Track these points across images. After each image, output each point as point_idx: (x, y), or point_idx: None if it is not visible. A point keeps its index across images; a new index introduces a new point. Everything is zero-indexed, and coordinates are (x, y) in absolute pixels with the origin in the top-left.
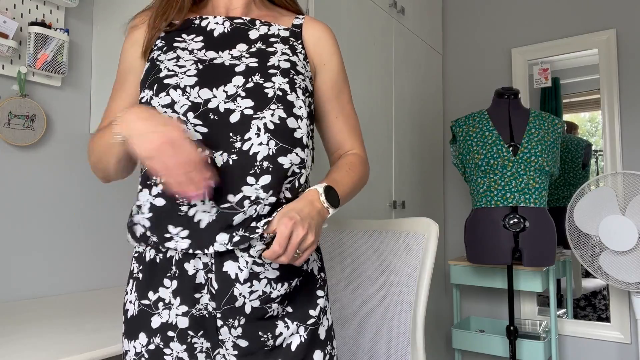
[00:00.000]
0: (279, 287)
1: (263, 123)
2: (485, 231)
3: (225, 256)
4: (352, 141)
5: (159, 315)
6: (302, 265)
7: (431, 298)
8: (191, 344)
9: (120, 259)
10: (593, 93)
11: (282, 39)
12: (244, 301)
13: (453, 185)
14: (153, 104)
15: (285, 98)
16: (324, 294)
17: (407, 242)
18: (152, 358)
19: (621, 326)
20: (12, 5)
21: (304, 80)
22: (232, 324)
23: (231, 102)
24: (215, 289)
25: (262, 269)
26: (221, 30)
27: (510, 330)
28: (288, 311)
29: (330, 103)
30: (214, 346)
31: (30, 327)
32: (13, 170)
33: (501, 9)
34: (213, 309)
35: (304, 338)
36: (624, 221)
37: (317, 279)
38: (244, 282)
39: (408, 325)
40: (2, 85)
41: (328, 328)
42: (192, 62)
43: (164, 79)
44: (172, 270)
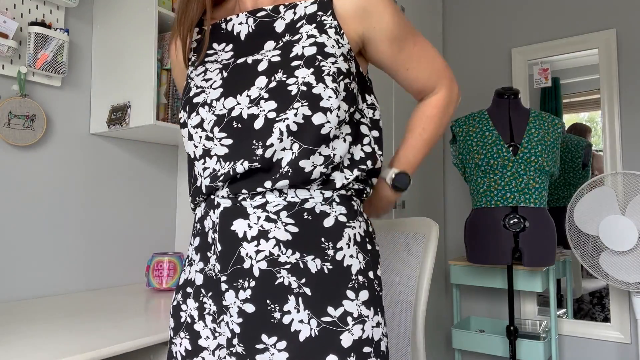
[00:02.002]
0: (289, 253)
1: (285, 125)
2: (485, 231)
3: (234, 214)
4: (433, 82)
5: (184, 271)
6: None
7: (431, 298)
8: (202, 302)
9: (121, 259)
10: (593, 93)
11: (308, 17)
12: (251, 263)
13: (453, 185)
14: (187, 126)
15: (311, 92)
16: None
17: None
18: (174, 313)
19: (621, 326)
20: (12, 5)
21: (335, 63)
22: (242, 285)
23: (254, 107)
24: (219, 250)
25: (272, 226)
26: (246, 30)
27: (510, 330)
28: (305, 292)
29: (396, 60)
30: (219, 311)
31: (30, 327)
32: (13, 170)
33: (501, 9)
34: (218, 272)
35: (315, 333)
36: (624, 221)
37: (352, 278)
38: (251, 240)
39: (408, 325)
40: (2, 85)
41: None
42: (218, 72)
43: (193, 97)
44: (196, 227)
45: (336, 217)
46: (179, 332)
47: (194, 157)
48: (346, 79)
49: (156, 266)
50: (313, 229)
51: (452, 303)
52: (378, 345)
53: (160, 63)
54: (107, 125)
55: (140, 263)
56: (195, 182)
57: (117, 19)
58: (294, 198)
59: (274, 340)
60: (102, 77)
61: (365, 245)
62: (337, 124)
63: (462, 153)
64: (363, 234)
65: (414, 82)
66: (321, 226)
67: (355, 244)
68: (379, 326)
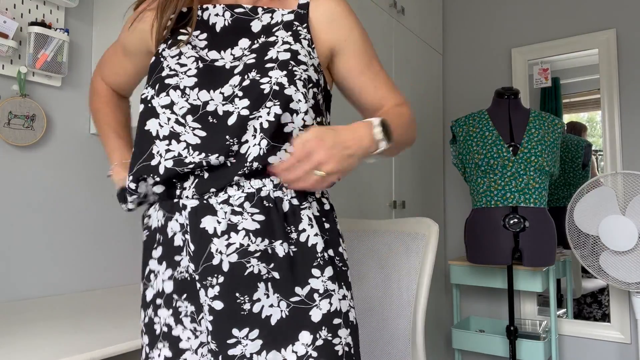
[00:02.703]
0: (258, 241)
1: (259, 123)
2: (485, 231)
3: (202, 212)
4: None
5: (152, 287)
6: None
7: (431, 298)
8: (176, 308)
9: (121, 259)
10: (593, 93)
11: (284, 24)
12: (220, 258)
13: (453, 185)
14: (153, 103)
15: (283, 92)
16: (321, 275)
17: (407, 242)
18: (147, 331)
19: (621, 326)
20: (12, 5)
21: (307, 71)
22: (210, 282)
23: (229, 104)
24: (192, 250)
25: (239, 218)
26: (222, 23)
27: (510, 330)
28: (274, 277)
29: (364, 76)
30: (198, 310)
31: (30, 327)
32: (13, 170)
33: (501, 9)
34: (193, 271)
35: (285, 314)
36: (624, 221)
37: (317, 256)
38: (221, 234)
39: (408, 325)
40: (2, 85)
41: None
42: (193, 60)
43: (165, 78)
44: (156, 239)
45: (289, 201)
46: (155, 344)
47: (156, 136)
48: (314, 88)
49: None
50: (275, 215)
51: (452, 303)
52: (347, 316)
53: None
54: None
55: (140, 263)
56: (149, 160)
57: (117, 19)
58: (250, 189)
59: (245, 332)
60: None
61: (322, 224)
62: (302, 127)
63: (462, 153)
64: (318, 214)
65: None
66: (281, 211)
67: (316, 223)
68: (345, 299)
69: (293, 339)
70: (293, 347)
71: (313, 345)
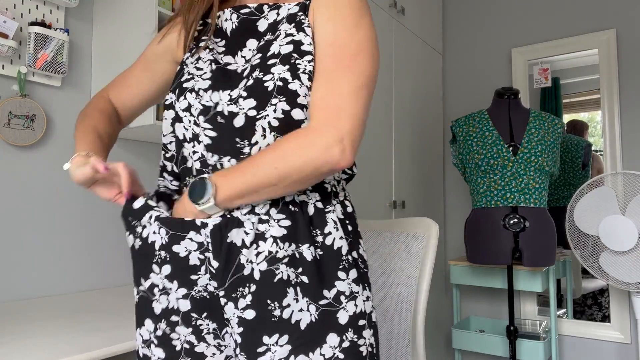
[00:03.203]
0: (286, 246)
1: (267, 122)
2: (485, 231)
3: (226, 228)
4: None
5: (157, 301)
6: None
7: (431, 298)
8: (197, 326)
9: (120, 259)
10: (593, 93)
11: (288, 17)
12: (251, 267)
13: (453, 185)
14: (176, 108)
15: (287, 88)
16: (346, 277)
17: (407, 242)
18: (161, 344)
19: (621, 326)
20: (12, 5)
21: (311, 62)
22: (242, 293)
23: (233, 105)
24: (215, 267)
25: (266, 226)
26: (231, 26)
27: (510, 330)
28: (303, 281)
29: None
30: (221, 326)
31: (30, 327)
32: (13, 170)
33: (501, 9)
34: (215, 289)
35: (315, 317)
36: (624, 221)
37: (343, 259)
38: (250, 245)
39: (408, 325)
40: (2, 85)
41: (355, 315)
42: (209, 64)
43: (183, 82)
44: (157, 255)
45: (314, 204)
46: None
47: (183, 139)
48: None
49: None
50: (301, 219)
51: (452, 303)
52: (370, 317)
53: None
54: None
55: None
56: (184, 163)
57: (117, 19)
58: None
59: (275, 339)
60: (102, 77)
61: (346, 227)
62: None
63: (462, 153)
64: (342, 216)
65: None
66: (307, 215)
67: (341, 225)
68: (368, 300)
69: (321, 341)
70: (321, 349)
71: (340, 347)
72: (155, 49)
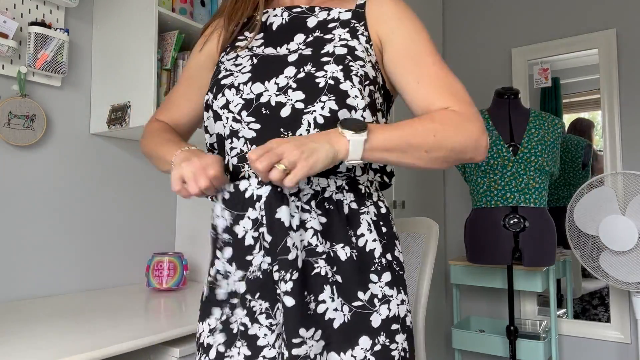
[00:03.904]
0: (324, 242)
1: (313, 117)
2: (485, 231)
3: (276, 202)
4: (444, 99)
5: (219, 287)
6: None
7: (431, 298)
8: (250, 308)
9: (120, 259)
10: (593, 93)
11: (342, 22)
12: (296, 253)
13: (453, 185)
14: (214, 107)
15: (338, 87)
16: (378, 280)
17: (407, 242)
18: (225, 329)
19: (621, 326)
20: (12, 5)
21: (364, 67)
22: (284, 277)
23: (282, 95)
24: (269, 241)
25: (308, 216)
26: (279, 22)
27: (510, 330)
28: (337, 280)
29: (407, 70)
30: (272, 304)
31: (30, 327)
32: (13, 170)
33: (501, 9)
34: (268, 264)
35: (348, 318)
36: (624, 221)
37: (375, 261)
38: (296, 229)
39: None
40: (2, 85)
41: (388, 319)
42: (249, 58)
43: (221, 80)
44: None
45: (349, 205)
46: (233, 344)
47: (223, 136)
48: (371, 86)
49: (156, 266)
50: (337, 217)
51: (452, 303)
52: (404, 321)
53: (160, 63)
54: (107, 125)
55: (140, 263)
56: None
57: (117, 19)
58: (317, 186)
59: (311, 333)
60: (102, 77)
61: (380, 228)
62: None
63: None
64: (376, 218)
65: (423, 98)
66: (343, 214)
67: (374, 227)
68: (403, 304)
69: (354, 343)
70: (352, 351)
71: (372, 351)
72: (197, 59)
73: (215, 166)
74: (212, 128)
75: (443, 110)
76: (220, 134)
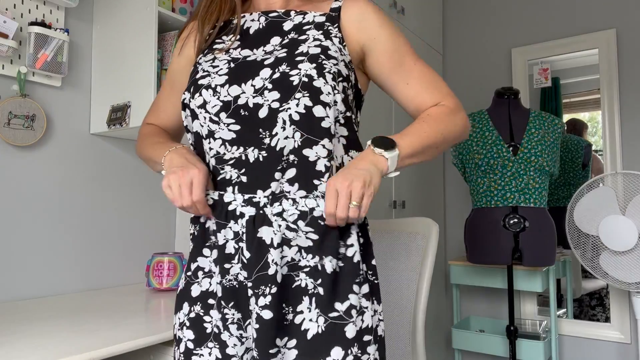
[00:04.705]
0: (309, 257)
1: (288, 115)
2: (485, 231)
3: (259, 222)
4: (434, 96)
5: (198, 284)
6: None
7: (431, 298)
8: (224, 314)
9: (120, 259)
10: (593, 93)
11: (316, 25)
12: (276, 269)
13: (453, 185)
14: (191, 106)
15: (312, 84)
16: (359, 291)
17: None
18: (193, 326)
19: (621, 326)
20: (12, 5)
21: (336, 65)
22: (263, 291)
23: (259, 97)
24: (247, 257)
25: (294, 235)
26: (256, 26)
27: (510, 330)
28: (319, 292)
29: (395, 74)
30: (245, 316)
31: (30, 327)
32: (13, 170)
33: (501, 9)
34: (244, 278)
35: (322, 329)
36: (624, 221)
37: (360, 273)
38: (277, 246)
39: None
40: (2, 85)
41: (361, 330)
42: (226, 62)
43: (198, 80)
44: (211, 239)
45: None
46: (205, 343)
47: (201, 135)
48: (344, 83)
49: (156, 266)
50: (331, 234)
51: (452, 303)
52: (376, 332)
53: (160, 63)
54: (107, 125)
55: (140, 263)
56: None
57: (117, 19)
58: (304, 207)
59: (285, 341)
60: (102, 77)
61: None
62: (334, 120)
63: (462, 153)
64: (358, 229)
65: (414, 97)
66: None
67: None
68: (375, 314)
69: (325, 353)
70: None
71: None
72: (177, 63)
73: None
74: (190, 126)
75: (438, 108)
76: (198, 132)
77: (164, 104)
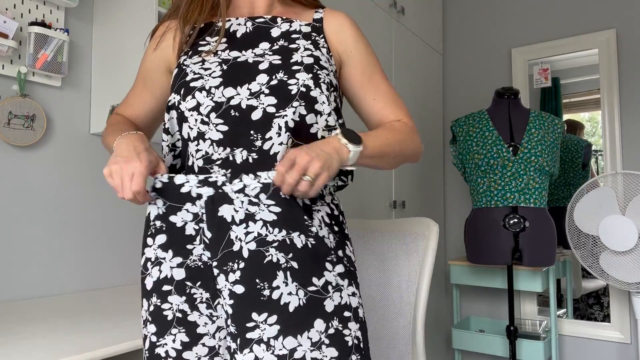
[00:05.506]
0: (276, 232)
1: (284, 121)
2: (485, 231)
3: (218, 201)
4: (396, 113)
5: (150, 275)
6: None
7: (431, 298)
8: (190, 295)
9: (121, 259)
10: (593, 93)
11: (304, 34)
12: (240, 245)
13: (453, 185)
14: (181, 108)
15: (309, 94)
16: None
17: (407, 242)
18: (154, 319)
19: (621, 326)
20: (12, 5)
21: (328, 75)
22: (231, 268)
23: (254, 99)
24: (209, 237)
25: (257, 209)
26: (244, 30)
27: (510, 330)
28: (293, 266)
29: (364, 88)
30: (214, 296)
31: (30, 327)
32: (13, 170)
33: (501, 9)
34: (208, 259)
35: (303, 302)
36: (624, 221)
37: (331, 252)
38: (239, 223)
39: (408, 325)
40: (2, 85)
41: (340, 305)
42: (217, 64)
43: (189, 82)
44: (151, 226)
45: (302, 200)
46: (167, 331)
47: (188, 138)
48: (335, 92)
49: None
50: (294, 207)
51: (452, 303)
52: (357, 312)
53: None
54: None
55: (140, 263)
56: (186, 161)
57: (117, 19)
58: (267, 179)
59: (264, 317)
60: (102, 77)
61: (332, 227)
62: (325, 127)
63: (462, 153)
64: (328, 219)
65: (378, 112)
66: (299, 205)
67: (325, 225)
68: (354, 296)
69: (309, 325)
70: (308, 333)
71: (326, 333)
72: (151, 60)
73: (138, 179)
74: (174, 129)
75: (399, 123)
76: (183, 135)
77: (133, 101)
